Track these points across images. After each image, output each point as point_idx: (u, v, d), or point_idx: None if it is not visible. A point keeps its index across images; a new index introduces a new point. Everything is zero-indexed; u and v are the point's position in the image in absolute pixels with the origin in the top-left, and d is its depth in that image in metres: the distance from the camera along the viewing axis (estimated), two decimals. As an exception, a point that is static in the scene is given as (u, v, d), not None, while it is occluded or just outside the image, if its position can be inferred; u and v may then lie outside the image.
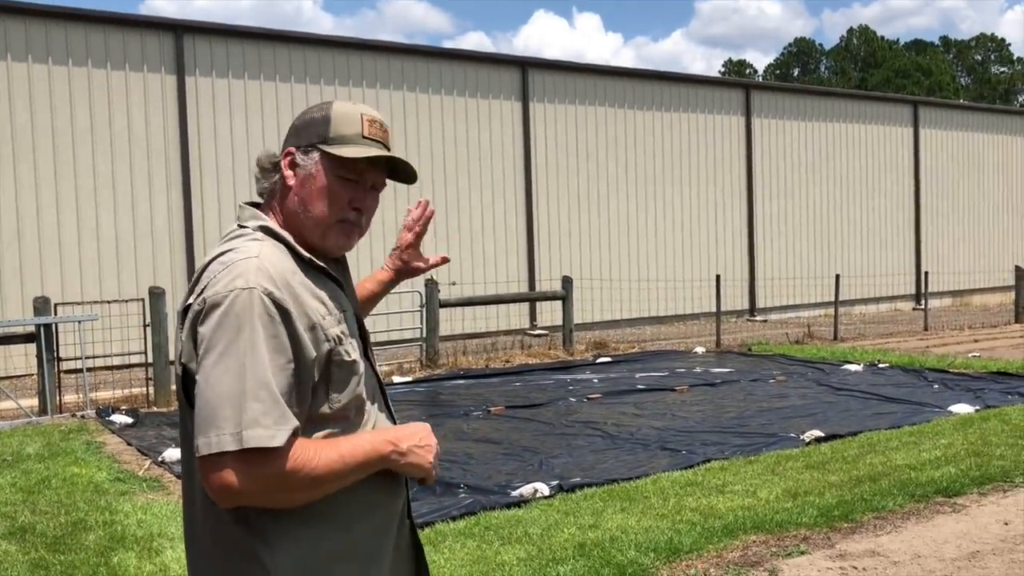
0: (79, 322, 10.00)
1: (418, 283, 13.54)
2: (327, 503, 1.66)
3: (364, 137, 1.75)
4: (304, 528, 1.65)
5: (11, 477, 6.71)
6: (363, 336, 1.86)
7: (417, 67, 17.68)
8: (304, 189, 1.75)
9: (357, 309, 1.88)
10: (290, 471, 1.56)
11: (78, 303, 11.51)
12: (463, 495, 5.86)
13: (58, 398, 9.83)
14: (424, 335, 13.06)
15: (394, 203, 14.68)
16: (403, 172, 1.85)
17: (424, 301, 13.15)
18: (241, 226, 1.76)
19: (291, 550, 1.63)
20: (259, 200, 1.85)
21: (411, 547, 1.89)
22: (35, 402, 9.94)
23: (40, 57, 14.09)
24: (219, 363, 1.55)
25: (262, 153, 1.82)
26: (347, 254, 1.92)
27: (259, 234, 1.72)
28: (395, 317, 14.85)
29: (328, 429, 1.69)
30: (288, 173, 1.77)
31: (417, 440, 1.75)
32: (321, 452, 1.60)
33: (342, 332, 1.72)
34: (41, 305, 9.93)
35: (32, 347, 10.11)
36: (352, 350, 1.73)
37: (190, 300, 1.65)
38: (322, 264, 1.75)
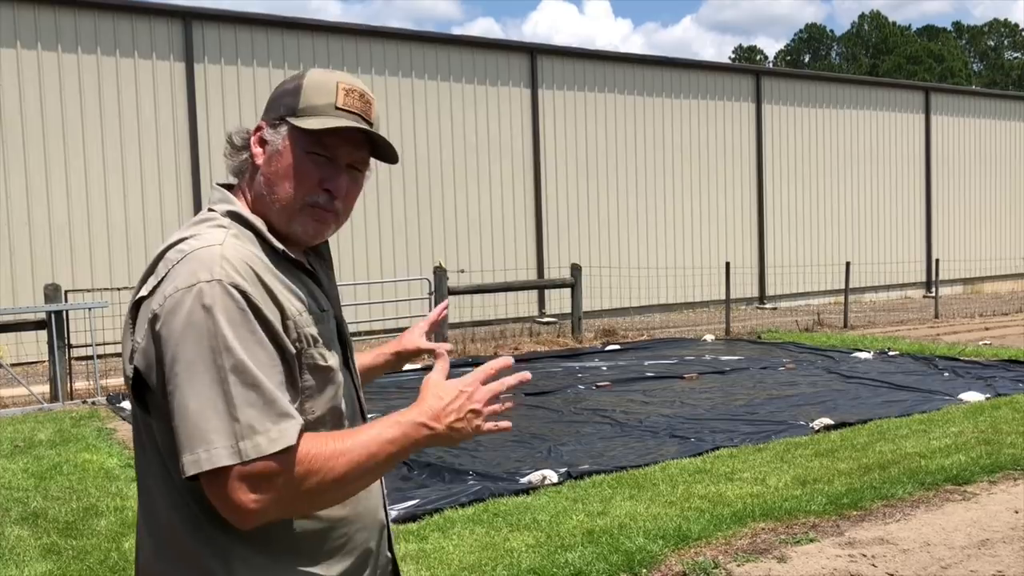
0: (89, 309, 10.04)
1: (427, 270, 13.54)
2: (292, 533, 1.50)
3: (338, 108, 1.53)
4: (265, 557, 1.47)
5: (23, 463, 6.76)
6: (344, 344, 1.66)
7: (425, 54, 17.62)
8: (271, 167, 1.55)
9: (338, 313, 1.67)
10: (304, 474, 1.37)
11: (88, 290, 11.55)
12: (472, 482, 5.88)
13: (69, 385, 9.90)
14: (433, 322, 13.05)
15: (390, 196, 14.61)
16: (384, 150, 1.61)
17: (432, 289, 13.15)
18: (211, 209, 1.57)
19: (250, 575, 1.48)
20: (233, 181, 1.65)
21: None
22: (46, 389, 10.00)
23: (50, 44, 14.10)
24: (195, 371, 1.35)
25: (234, 128, 1.63)
26: (332, 250, 1.75)
27: (225, 220, 1.53)
28: (404, 305, 14.86)
29: None
30: (257, 151, 1.58)
31: (448, 411, 1.47)
32: (339, 447, 1.41)
33: (319, 333, 1.52)
34: (51, 292, 9.97)
35: (43, 334, 10.18)
36: (329, 356, 1.54)
37: (143, 292, 1.45)
38: (295, 256, 1.56)
